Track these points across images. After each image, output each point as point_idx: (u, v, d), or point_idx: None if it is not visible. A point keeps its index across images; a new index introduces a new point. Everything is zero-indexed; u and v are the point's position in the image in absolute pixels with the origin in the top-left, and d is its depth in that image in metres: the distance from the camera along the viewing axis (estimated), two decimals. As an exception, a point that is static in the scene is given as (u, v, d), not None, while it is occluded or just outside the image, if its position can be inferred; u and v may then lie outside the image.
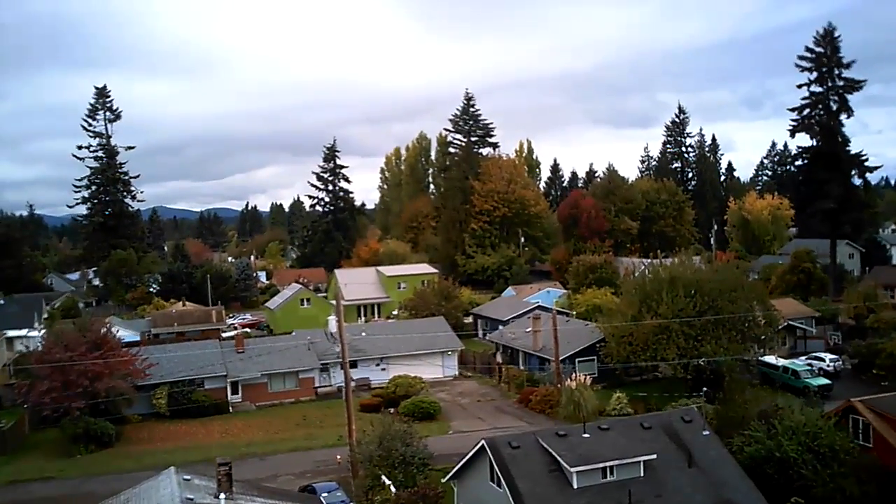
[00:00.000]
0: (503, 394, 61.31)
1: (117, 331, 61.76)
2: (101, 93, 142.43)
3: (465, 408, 57.33)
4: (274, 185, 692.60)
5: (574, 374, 56.41)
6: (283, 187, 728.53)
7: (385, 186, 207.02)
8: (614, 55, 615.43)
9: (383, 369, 65.02)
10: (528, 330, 66.89)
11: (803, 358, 64.95)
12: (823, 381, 58.43)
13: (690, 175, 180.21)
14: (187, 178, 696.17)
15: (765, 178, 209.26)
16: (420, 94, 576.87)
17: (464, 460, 32.55)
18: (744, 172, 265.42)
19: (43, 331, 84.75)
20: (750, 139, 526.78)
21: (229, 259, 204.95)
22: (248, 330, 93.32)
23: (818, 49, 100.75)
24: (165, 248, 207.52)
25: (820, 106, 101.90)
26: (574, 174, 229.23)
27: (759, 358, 60.33)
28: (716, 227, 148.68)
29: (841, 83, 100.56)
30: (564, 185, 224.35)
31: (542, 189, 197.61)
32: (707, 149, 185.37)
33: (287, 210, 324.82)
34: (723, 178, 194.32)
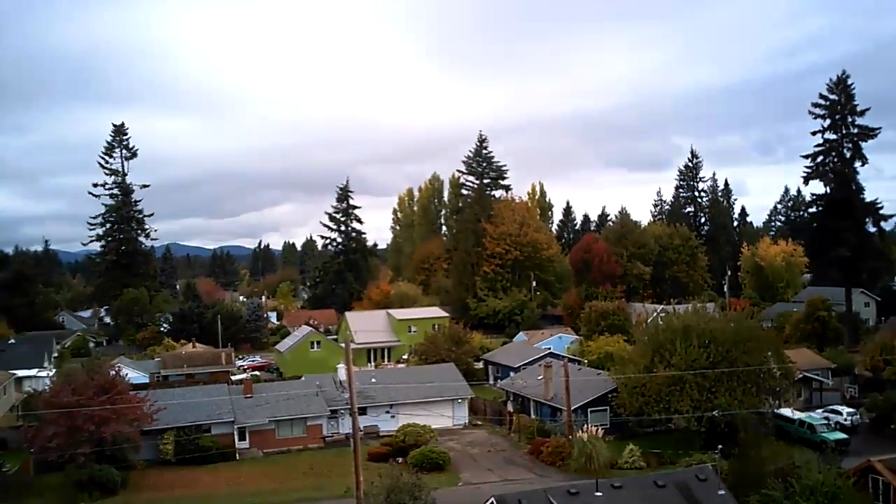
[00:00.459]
0: (514, 444, 60.32)
1: (126, 375, 61.44)
2: (119, 130, 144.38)
3: (475, 458, 56.41)
4: (287, 223, 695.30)
5: (586, 426, 55.60)
6: (296, 226, 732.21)
7: (397, 227, 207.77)
8: (627, 98, 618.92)
9: (393, 417, 64.29)
10: (539, 378, 66.13)
11: (820, 411, 63.71)
12: (840, 435, 57.13)
13: (703, 220, 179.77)
14: (201, 215, 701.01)
15: (778, 223, 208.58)
16: (433, 135, 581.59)
17: (473, 518, 31.83)
18: (756, 216, 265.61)
19: (52, 371, 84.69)
20: (763, 184, 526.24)
21: (241, 298, 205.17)
22: (257, 373, 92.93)
23: (832, 96, 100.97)
24: (178, 286, 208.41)
25: (834, 153, 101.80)
26: (586, 217, 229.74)
27: (775, 411, 59.22)
28: (729, 272, 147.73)
29: (855, 130, 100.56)
30: (577, 227, 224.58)
31: (554, 232, 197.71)
32: (720, 194, 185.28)
33: (299, 249, 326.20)
34: (736, 223, 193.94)
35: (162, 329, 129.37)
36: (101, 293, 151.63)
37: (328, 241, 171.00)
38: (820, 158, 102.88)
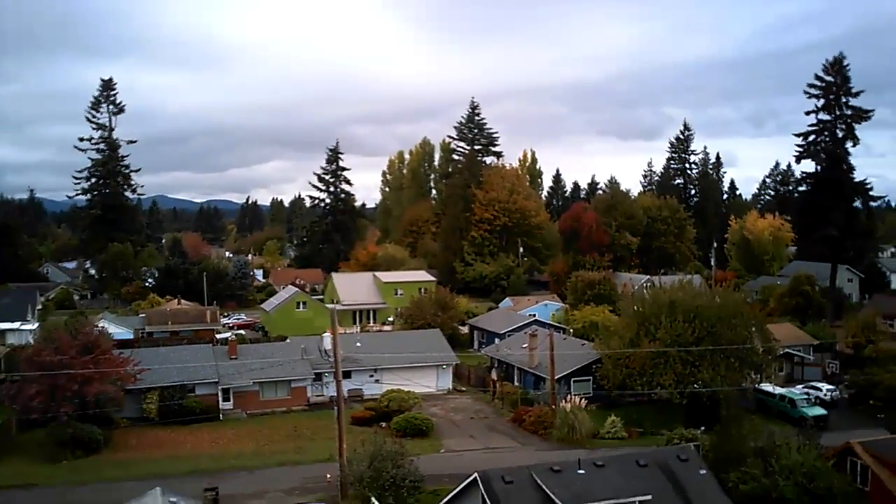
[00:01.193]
0: (497, 411, 60.60)
1: (111, 334, 61.07)
2: (107, 85, 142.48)
3: (458, 425, 56.68)
4: (276, 179, 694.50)
5: (569, 396, 55.97)
6: (285, 182, 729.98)
7: (387, 189, 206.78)
8: (622, 68, 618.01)
9: (377, 381, 64.36)
10: (524, 346, 66.37)
11: (800, 386, 64.45)
12: (819, 411, 57.85)
13: (693, 192, 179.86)
14: (189, 168, 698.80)
15: (767, 197, 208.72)
16: (426, 97, 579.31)
17: (454, 492, 31.99)
18: (745, 188, 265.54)
19: (36, 325, 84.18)
20: (752, 156, 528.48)
21: (227, 254, 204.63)
22: (242, 332, 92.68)
23: (827, 77, 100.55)
24: (164, 240, 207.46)
25: (826, 133, 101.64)
26: (576, 185, 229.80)
27: (756, 385, 59.80)
28: (716, 244, 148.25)
29: (849, 112, 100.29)
30: (566, 195, 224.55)
31: (543, 199, 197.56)
32: (710, 166, 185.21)
33: (287, 206, 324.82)
34: (725, 195, 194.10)
35: (147, 284, 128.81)
36: (86, 246, 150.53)
37: (317, 201, 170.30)
38: (812, 138, 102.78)
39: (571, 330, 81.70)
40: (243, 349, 64.66)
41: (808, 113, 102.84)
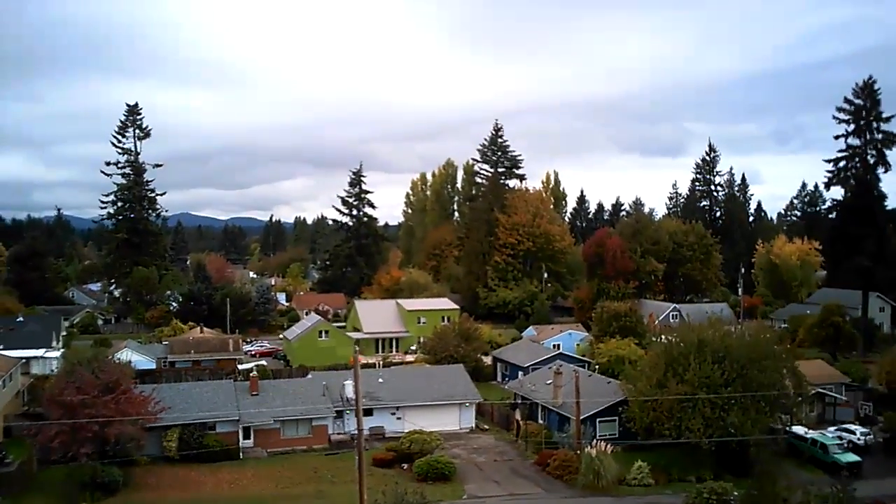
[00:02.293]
0: (521, 453, 59.35)
1: (132, 362, 60.66)
2: (132, 110, 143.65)
3: (481, 468, 55.50)
4: (298, 197, 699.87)
5: (595, 440, 54.77)
6: (307, 199, 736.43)
7: (409, 211, 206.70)
8: (644, 83, 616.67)
9: (399, 418, 63.56)
10: (548, 382, 65.25)
11: (832, 429, 62.65)
12: (853, 457, 56.01)
13: (718, 213, 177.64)
14: (213, 186, 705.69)
15: (794, 218, 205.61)
16: (447, 115, 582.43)
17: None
18: (770, 206, 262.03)
19: (59, 353, 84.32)
20: (777, 174, 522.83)
21: (251, 275, 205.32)
22: (264, 362, 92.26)
23: (857, 100, 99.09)
24: (188, 261, 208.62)
25: (857, 159, 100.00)
26: (600, 206, 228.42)
27: (787, 428, 58.24)
28: (742, 270, 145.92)
29: (880, 136, 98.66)
30: (590, 216, 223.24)
31: (567, 220, 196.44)
32: (737, 188, 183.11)
33: (311, 225, 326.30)
34: (751, 217, 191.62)
35: (171, 308, 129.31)
36: (111, 269, 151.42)
37: (340, 224, 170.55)
38: (842, 164, 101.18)
39: (597, 364, 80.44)
40: (265, 385, 64.14)
41: (837, 137, 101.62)
